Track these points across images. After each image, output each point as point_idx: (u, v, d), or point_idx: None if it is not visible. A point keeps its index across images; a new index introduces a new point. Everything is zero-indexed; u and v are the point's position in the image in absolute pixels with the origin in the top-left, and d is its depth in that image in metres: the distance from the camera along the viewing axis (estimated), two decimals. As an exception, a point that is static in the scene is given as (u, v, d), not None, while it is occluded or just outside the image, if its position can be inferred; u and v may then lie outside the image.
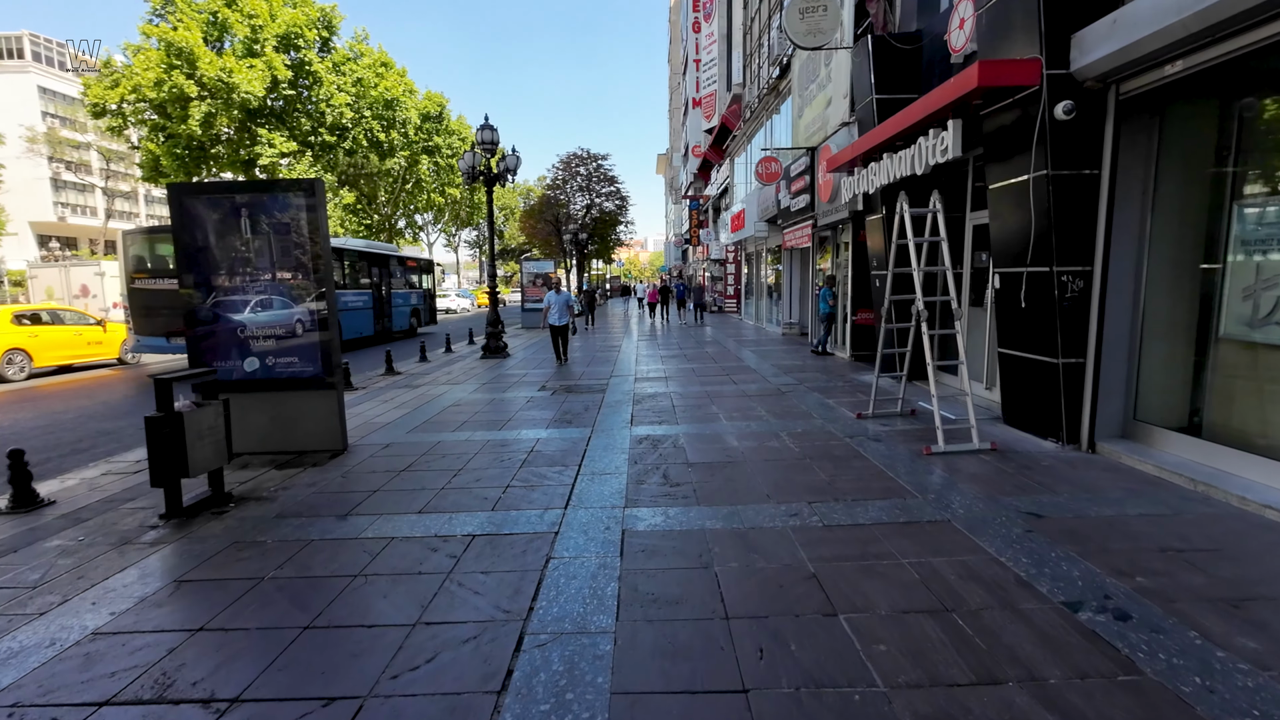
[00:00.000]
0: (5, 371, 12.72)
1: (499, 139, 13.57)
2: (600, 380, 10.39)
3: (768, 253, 19.23)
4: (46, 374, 13.89)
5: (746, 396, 8.56)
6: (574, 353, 14.43)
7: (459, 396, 9.21)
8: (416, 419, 7.72)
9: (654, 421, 7.21)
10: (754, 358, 12.67)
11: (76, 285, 20.43)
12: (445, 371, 12.02)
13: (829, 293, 12.25)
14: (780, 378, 10.06)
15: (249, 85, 28.88)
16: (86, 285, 20.68)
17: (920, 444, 5.89)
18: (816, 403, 7.99)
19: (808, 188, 11.66)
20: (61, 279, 20.47)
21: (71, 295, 20.23)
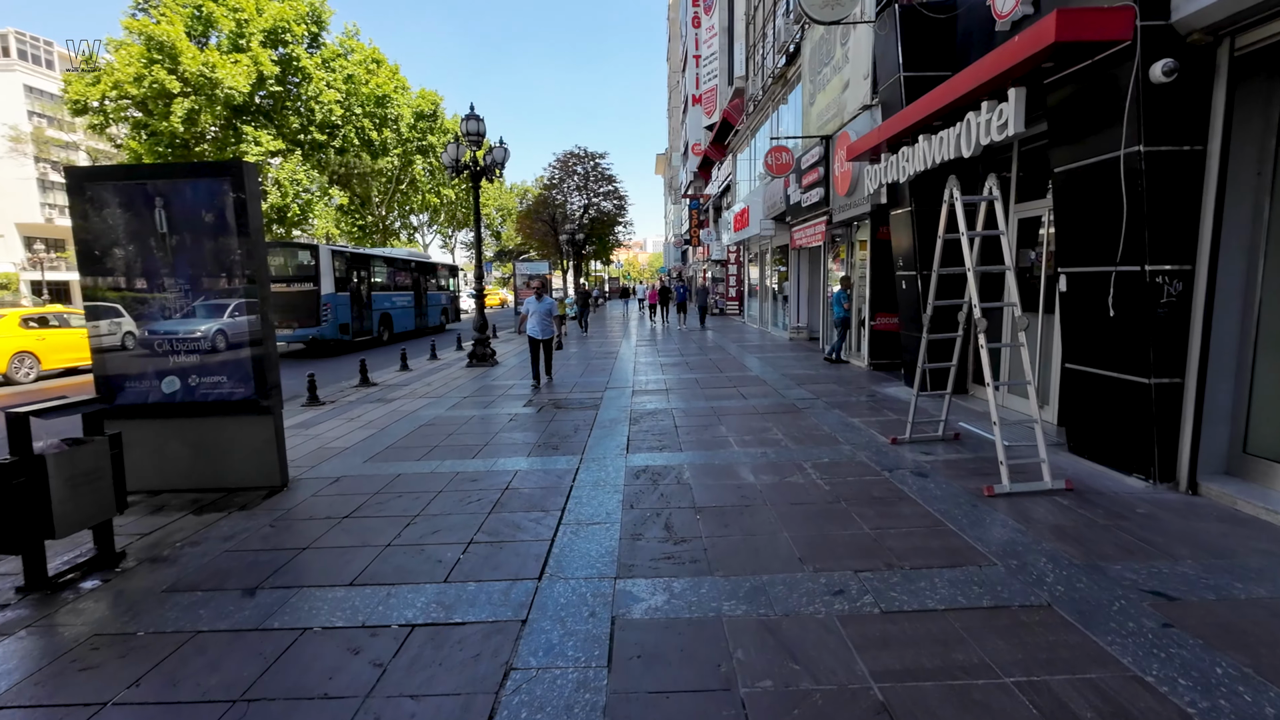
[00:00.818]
0: (14, 374, 12.85)
1: (485, 130, 12.57)
2: (594, 393, 9.37)
3: (773, 252, 18.23)
4: (55, 376, 13.78)
5: (758, 414, 7.54)
6: (567, 360, 13.40)
7: (434, 414, 8.19)
8: (380, 443, 6.69)
9: (654, 447, 6.18)
10: (762, 366, 11.65)
11: None
12: (425, 383, 10.99)
13: (844, 295, 11.24)
14: (793, 390, 9.04)
15: (233, 81, 27.88)
16: None
17: (976, 480, 4.87)
18: (839, 422, 6.97)
19: (821, 180, 10.65)
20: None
21: None
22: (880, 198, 8.58)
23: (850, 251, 11.79)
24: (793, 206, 12.74)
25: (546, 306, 10.03)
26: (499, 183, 65.22)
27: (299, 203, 32.88)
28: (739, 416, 7.46)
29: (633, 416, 7.63)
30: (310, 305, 15.93)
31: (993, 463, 5.27)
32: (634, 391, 9.41)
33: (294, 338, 16.10)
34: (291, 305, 15.66)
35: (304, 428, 7.54)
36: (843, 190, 9.61)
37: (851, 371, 10.73)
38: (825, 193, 10.56)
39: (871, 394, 8.57)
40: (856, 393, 8.75)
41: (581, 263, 42.12)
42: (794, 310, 16.32)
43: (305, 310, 15.89)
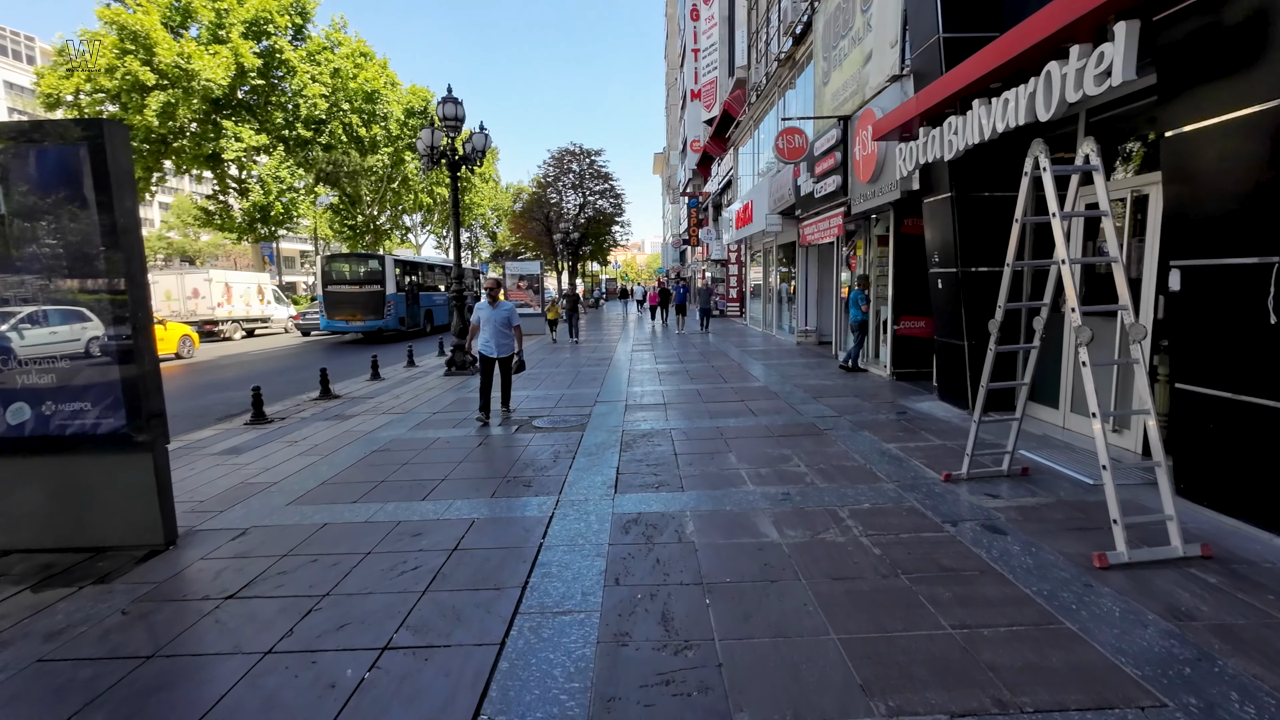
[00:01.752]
0: None
1: (465, 115, 11.39)
2: (582, 408, 8.19)
3: (778, 251, 17.08)
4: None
5: (772, 436, 6.36)
6: (556, 368, 12.22)
7: (392, 436, 7.00)
8: (316, 476, 5.50)
9: (649, 484, 5.00)
10: (770, 375, 10.47)
11: (189, 289, 23.36)
12: (394, 394, 9.80)
13: (861, 297, 10.08)
14: (810, 405, 7.87)
15: (211, 73, 26.70)
16: (197, 289, 23.38)
17: (1071, 538, 3.70)
18: (871, 448, 5.80)
19: (838, 167, 9.49)
20: (178, 284, 23.29)
21: (185, 297, 23.25)
22: (912, 183, 7.42)
23: (868, 248, 10.62)
24: (803, 199, 11.58)
25: (503, 315, 7.39)
26: (493, 183, 64.07)
27: (283, 201, 31.61)
28: (750, 440, 6.28)
29: (624, 440, 6.45)
30: (377, 303, 19.80)
31: (1081, 509, 4.11)
32: (628, 406, 8.23)
33: (364, 328, 20.01)
34: (363, 303, 19.74)
35: (233, 455, 6.34)
36: (865, 176, 8.44)
37: (872, 382, 9.55)
38: (843, 180, 9.40)
39: (901, 411, 7.39)
40: (883, 408, 7.57)
41: (578, 264, 40.97)
42: (802, 313, 15.16)
43: (373, 307, 19.77)
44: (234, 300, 24.31)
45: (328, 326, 20.16)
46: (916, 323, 9.39)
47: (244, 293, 25.01)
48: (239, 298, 24.59)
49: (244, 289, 25.13)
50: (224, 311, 23.61)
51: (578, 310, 18.38)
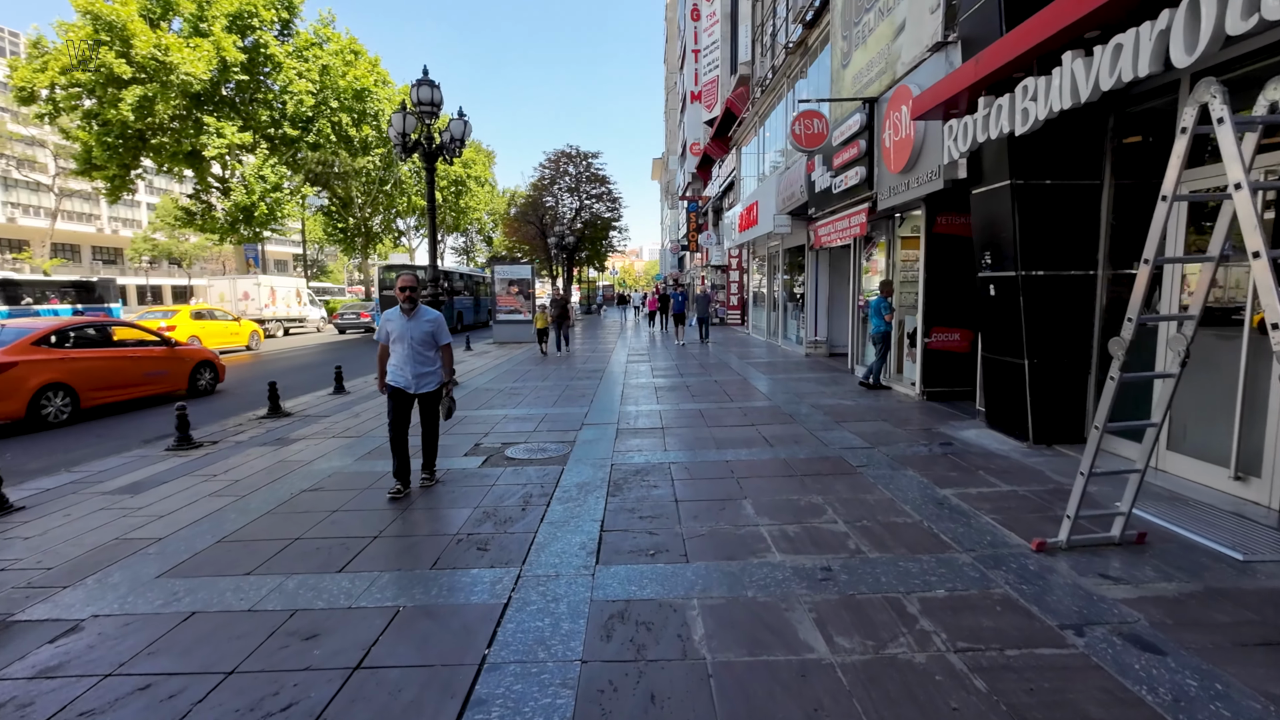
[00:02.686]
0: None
1: (442, 99, 10.23)
2: (566, 433, 6.99)
3: (785, 255, 15.93)
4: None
5: (795, 476, 5.17)
6: (542, 382, 11.02)
7: (332, 469, 5.79)
8: (217, 529, 4.29)
9: (642, 551, 3.80)
10: (782, 393, 9.28)
11: (240, 292, 25.98)
12: (353, 412, 8.59)
13: (885, 305, 8.91)
14: (834, 432, 6.68)
15: (190, 66, 25.51)
16: (247, 292, 26.05)
17: (1261, 657, 2.51)
18: (923, 494, 4.60)
19: (862, 156, 8.33)
20: (230, 288, 26.17)
21: (237, 299, 25.58)
22: (957, 171, 6.26)
23: (891, 250, 9.47)
24: (818, 195, 10.41)
25: (424, 329, 4.94)
26: (489, 187, 62.98)
27: (267, 201, 30.39)
28: (768, 481, 5.08)
29: (613, 479, 5.24)
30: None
31: (1251, 606, 2.91)
32: (619, 431, 7.02)
33: None
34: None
35: (128, 494, 5.13)
36: (897, 165, 7.28)
37: (898, 402, 8.37)
38: (867, 172, 8.24)
39: (945, 441, 6.20)
40: (921, 437, 6.38)
41: (574, 269, 39.83)
42: (811, 322, 13.99)
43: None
44: (278, 302, 27.40)
45: None
46: (950, 335, 8.22)
47: (285, 295, 28.23)
48: (281, 300, 27.79)
49: (285, 292, 28.37)
50: (270, 312, 26.49)
51: (568, 318, 16.69)
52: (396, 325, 4.90)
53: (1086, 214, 5.50)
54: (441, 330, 5.04)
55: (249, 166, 29.76)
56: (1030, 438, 5.76)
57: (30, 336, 8.34)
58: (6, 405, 7.87)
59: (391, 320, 4.94)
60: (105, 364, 9.07)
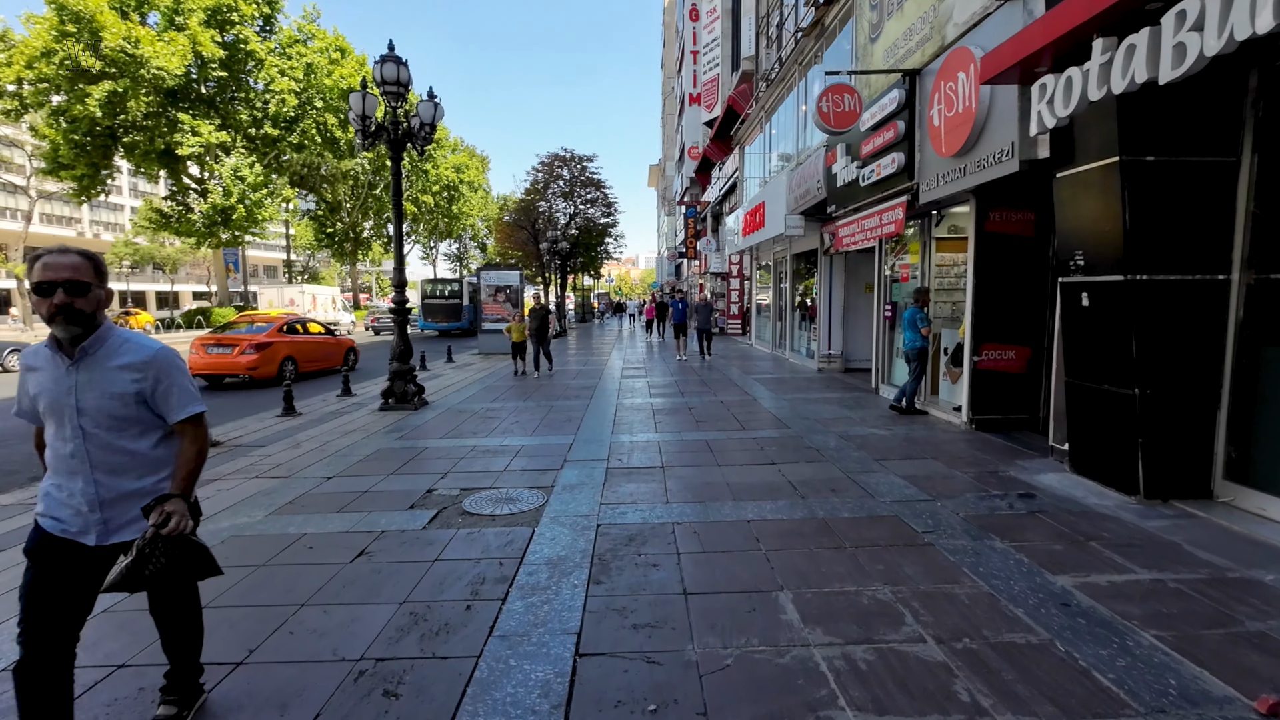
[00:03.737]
0: None
1: (410, 79, 8.93)
2: (543, 473, 5.64)
3: (794, 260, 14.66)
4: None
5: (846, 550, 3.83)
6: (523, 401, 9.67)
7: (235, 528, 4.42)
8: (11, 646, 2.91)
9: (637, 699, 2.45)
10: (801, 418, 7.96)
11: (287, 299, 31.55)
12: (296, 440, 7.22)
13: (921, 317, 7.62)
14: (877, 475, 5.35)
15: (162, 61, 24.20)
16: (293, 299, 31.55)
17: None
18: (1037, 588, 3.27)
19: (900, 139, 7.05)
20: (279, 295, 31.94)
21: (284, 305, 30.43)
22: (1036, 149, 4.98)
23: (926, 252, 8.19)
24: (840, 190, 9.11)
25: (122, 385, 2.03)
26: (483, 192, 61.66)
27: (246, 203, 29.01)
28: (809, 556, 3.74)
29: (598, 553, 3.89)
30: (456, 310, 27.98)
31: None
32: (609, 472, 5.67)
33: (447, 327, 27.78)
34: (447, 310, 27.96)
35: None
36: (950, 146, 5.99)
37: (943, 432, 7.06)
38: (906, 158, 6.96)
39: (1026, 493, 4.87)
40: (990, 484, 5.06)
41: (568, 276, 38.53)
42: (824, 334, 12.70)
43: (454, 313, 27.98)
44: (318, 308, 32.45)
45: (425, 326, 28.24)
46: (1004, 353, 6.92)
47: (323, 302, 33.32)
48: (320, 306, 33.05)
49: (324, 299, 33.77)
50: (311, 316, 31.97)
51: (548, 329, 13.64)
52: (46, 380, 2.02)
53: (1218, 200, 4.22)
54: (169, 386, 2.11)
55: (226, 166, 28.39)
56: (1140, 490, 4.44)
57: (276, 325, 13.12)
58: (266, 369, 12.21)
59: (36, 368, 2.05)
60: (308, 345, 13.51)
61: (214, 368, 12.00)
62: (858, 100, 6.88)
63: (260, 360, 12.04)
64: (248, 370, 11.92)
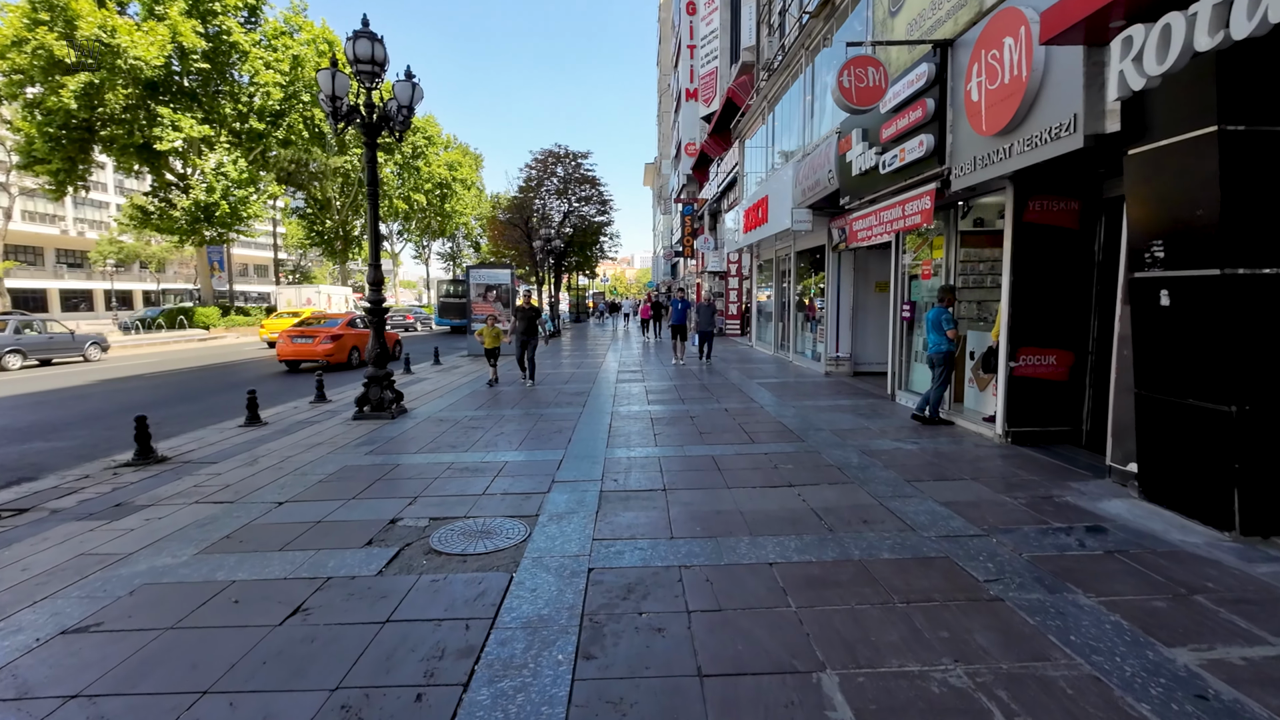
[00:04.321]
0: None
1: (386, 58, 8.16)
2: (527, 497, 4.89)
3: (799, 257, 13.95)
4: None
5: (896, 607, 3.10)
6: (509, 411, 8.91)
7: (154, 570, 3.66)
8: None
9: None
10: (816, 430, 7.24)
11: (304, 298, 32.63)
12: (254, 455, 6.46)
13: (947, 318, 6.91)
14: (914, 501, 4.63)
15: (140, 51, 23.29)
16: (310, 298, 32.67)
17: None
18: (1152, 668, 2.55)
19: (929, 120, 6.32)
20: (296, 295, 33.07)
21: (302, 304, 31.43)
22: (1103, 122, 4.26)
23: (951, 247, 7.48)
24: (856, 179, 8.38)
25: None
26: (477, 190, 60.73)
27: (230, 200, 28.12)
28: (852, 617, 3.01)
29: (589, 611, 3.15)
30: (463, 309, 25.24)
31: None
32: (604, 496, 4.93)
33: (461, 324, 26.64)
34: (462, 309, 25.10)
35: None
36: (994, 123, 5.26)
37: (975, 445, 6.34)
38: (937, 140, 6.24)
39: (1094, 526, 4.15)
40: (1047, 512, 4.34)
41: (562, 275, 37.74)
42: (831, 335, 11.99)
43: (461, 311, 25.67)
44: (332, 307, 33.53)
45: (441, 322, 30.86)
46: (1045, 358, 6.22)
47: (337, 302, 34.86)
48: (334, 306, 34.49)
49: (338, 299, 35.26)
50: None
51: (536, 334, 11.59)
52: None
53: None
54: None
55: (209, 162, 27.49)
56: (1236, 525, 3.73)
57: (344, 320, 15.82)
58: (339, 356, 14.70)
59: None
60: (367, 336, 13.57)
61: (297, 354, 14.59)
62: (883, 74, 6.17)
63: (335, 349, 14.65)
64: (325, 357, 14.33)
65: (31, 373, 15.34)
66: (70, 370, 15.88)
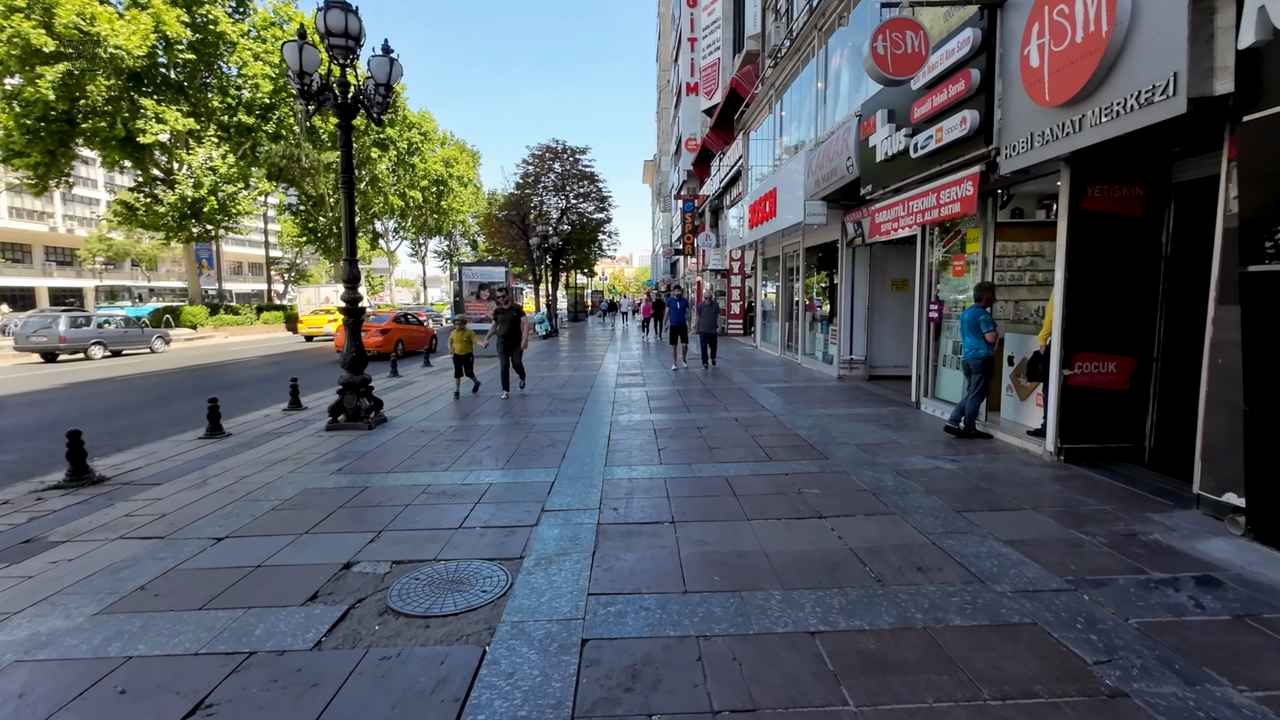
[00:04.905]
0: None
1: (362, 32, 7.40)
2: (511, 532, 4.13)
3: (807, 254, 13.20)
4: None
5: (989, 706, 2.34)
6: (497, 421, 8.15)
7: (30, 640, 2.89)
8: None
9: None
10: (839, 444, 6.48)
11: (323, 297, 34.37)
12: (208, 473, 5.69)
13: (986, 319, 6.18)
14: (972, 540, 3.88)
15: (121, 40, 22.44)
16: (329, 297, 33.77)
17: None
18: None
19: (973, 93, 5.53)
20: (315, 294, 35.21)
21: (320, 302, 33.26)
22: (1210, 82, 3.50)
23: (986, 241, 6.73)
24: (881, 165, 7.61)
25: None
26: (474, 187, 59.82)
27: (219, 196, 27.29)
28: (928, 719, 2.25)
29: (582, 701, 2.39)
30: None
31: None
32: (601, 530, 4.17)
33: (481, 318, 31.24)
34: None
35: None
36: (1062, 91, 4.46)
37: (1023, 463, 5.59)
38: (983, 116, 5.47)
39: (1205, 578, 3.40)
40: (1141, 557, 3.59)
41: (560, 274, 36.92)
42: (845, 336, 11.24)
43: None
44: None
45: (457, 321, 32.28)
46: (1103, 365, 5.47)
47: None
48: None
49: None
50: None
51: (519, 336, 9.83)
52: None
53: None
54: None
55: (196, 156, 26.67)
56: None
57: (392, 316, 17.81)
58: (387, 347, 16.05)
59: None
60: (409, 331, 17.32)
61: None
62: (923, 39, 5.40)
63: (385, 341, 16.15)
64: (375, 348, 15.46)
65: (105, 362, 18.11)
66: (135, 360, 18.68)
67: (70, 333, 18.05)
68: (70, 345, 18.04)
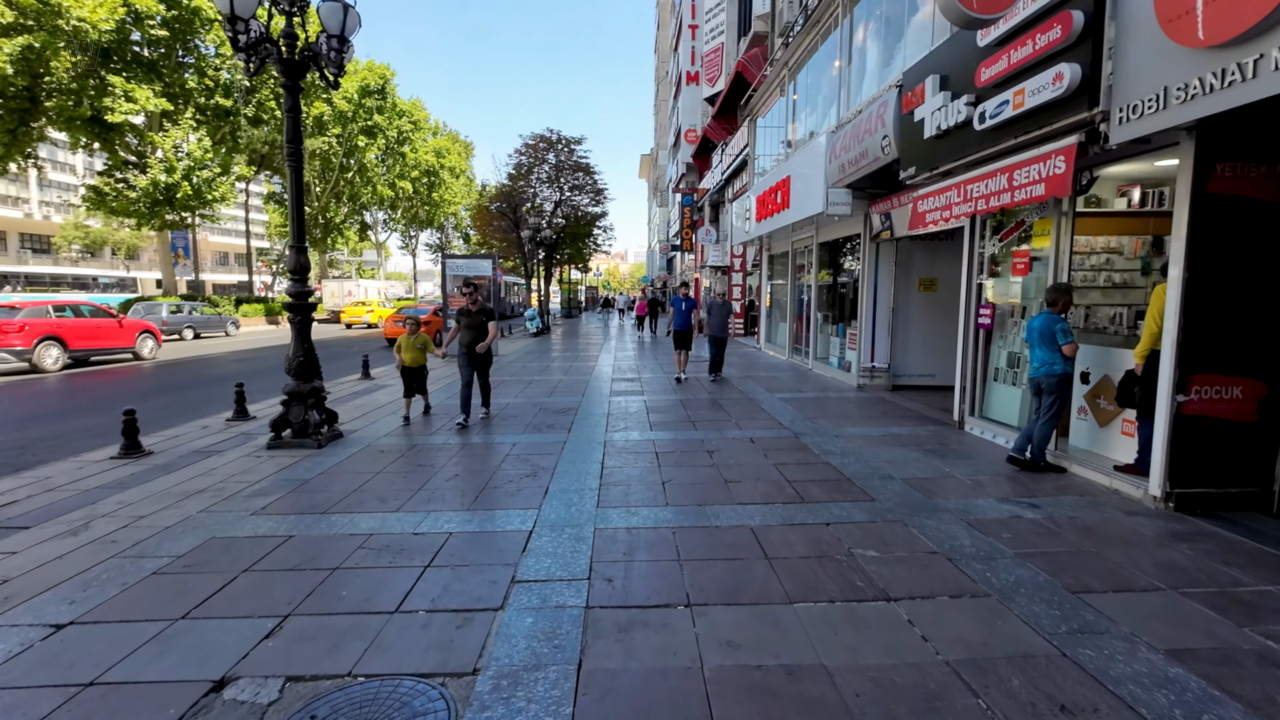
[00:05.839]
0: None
1: (314, -27, 6.16)
2: (472, 614, 2.96)
3: (821, 249, 12.04)
4: None
5: None
6: (472, 438, 6.95)
7: None
8: None
9: None
10: (884, 480, 5.34)
11: (345, 291, 38.91)
12: (84, 516, 4.49)
13: (1064, 327, 5.06)
14: (1120, 650, 2.75)
15: (85, 13, 20.99)
16: (350, 290, 38.83)
17: None
18: None
19: (1074, 40, 4.23)
20: (339, 288, 39.15)
21: (343, 295, 38.29)
22: None
23: (1059, 234, 5.59)
24: (931, 142, 6.36)
25: None
26: (465, 179, 58.25)
27: (194, 181, 25.88)
28: None
29: None
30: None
31: None
32: (590, 621, 3.01)
33: None
34: None
35: None
36: (1234, 23, 3.20)
37: (1124, 512, 4.46)
38: (1086, 69, 4.26)
39: None
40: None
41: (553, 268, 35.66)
42: (865, 341, 10.10)
43: None
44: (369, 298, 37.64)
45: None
46: (1229, 389, 4.34)
47: (374, 295, 38.54)
48: (370, 297, 37.86)
49: (373, 292, 39.62)
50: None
51: (486, 337, 7.35)
52: None
53: None
54: None
55: (168, 138, 25.24)
56: None
57: (432, 310, 19.02)
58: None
59: None
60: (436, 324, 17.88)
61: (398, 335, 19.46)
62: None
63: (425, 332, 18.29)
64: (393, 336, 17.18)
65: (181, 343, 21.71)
66: (212, 343, 22.21)
67: (170, 318, 22.82)
68: (170, 329, 22.51)
